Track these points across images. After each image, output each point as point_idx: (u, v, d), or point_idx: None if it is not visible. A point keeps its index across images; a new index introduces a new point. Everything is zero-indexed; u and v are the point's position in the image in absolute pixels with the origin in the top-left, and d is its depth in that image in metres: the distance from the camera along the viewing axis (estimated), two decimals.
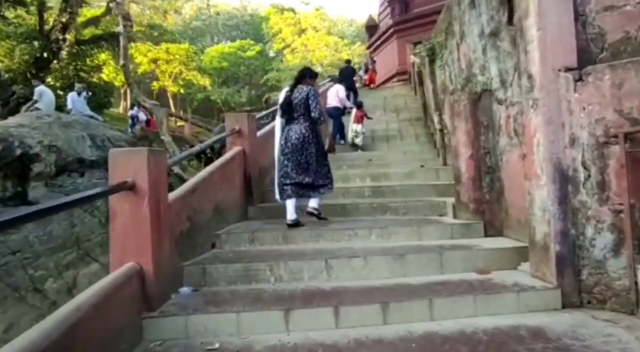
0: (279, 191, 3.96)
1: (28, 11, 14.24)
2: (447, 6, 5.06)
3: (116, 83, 23.56)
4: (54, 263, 4.63)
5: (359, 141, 8.17)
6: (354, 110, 8.50)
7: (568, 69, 2.76)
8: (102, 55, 15.63)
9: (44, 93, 9.24)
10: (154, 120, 12.89)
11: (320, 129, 4.08)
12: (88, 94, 10.63)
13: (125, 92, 25.70)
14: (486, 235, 3.69)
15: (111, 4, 13.76)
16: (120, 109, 27.30)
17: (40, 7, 13.74)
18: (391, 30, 19.65)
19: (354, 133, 8.18)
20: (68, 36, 13.75)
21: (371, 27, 23.27)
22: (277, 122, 4.07)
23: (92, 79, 15.00)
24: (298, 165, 3.88)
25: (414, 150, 7.72)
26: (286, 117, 4.00)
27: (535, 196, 2.87)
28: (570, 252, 2.72)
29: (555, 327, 2.32)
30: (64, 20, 13.45)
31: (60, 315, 1.63)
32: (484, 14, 3.72)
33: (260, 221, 4.30)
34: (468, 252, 3.16)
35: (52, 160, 5.22)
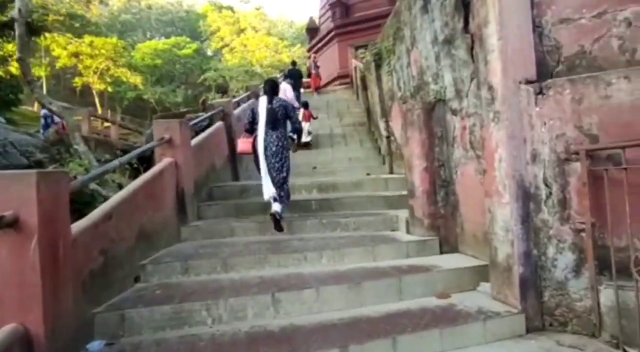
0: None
1: None
2: (395, 11, 4.90)
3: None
4: None
5: (310, 139, 8.39)
6: (302, 110, 8.74)
7: (528, 82, 2.63)
8: (9, 46, 13.68)
9: None
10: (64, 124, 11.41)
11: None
12: None
13: (45, 87, 22.98)
14: (441, 251, 3.52)
15: None
16: (35, 107, 24.43)
17: None
18: (332, 33, 19.63)
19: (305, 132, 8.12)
20: None
21: (312, 29, 23.10)
22: (261, 136, 4.08)
23: None
24: (279, 168, 4.10)
25: (359, 156, 7.55)
26: (270, 126, 4.10)
27: (497, 215, 2.71)
28: (533, 273, 2.59)
29: None
30: None
31: None
32: (437, 20, 3.56)
33: (195, 242, 3.77)
34: (427, 275, 2.94)
35: None
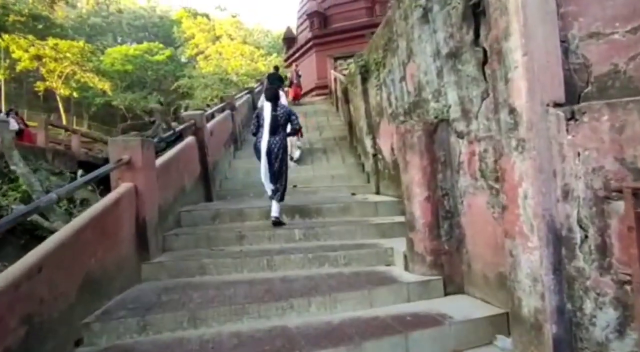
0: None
1: None
2: (386, 21, 4.51)
3: None
4: None
5: (297, 155, 7.87)
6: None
7: (556, 105, 2.25)
8: None
9: None
10: (29, 131, 10.47)
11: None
12: None
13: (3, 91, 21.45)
14: (446, 292, 3.09)
15: None
16: None
17: None
18: (310, 43, 19.31)
19: (294, 146, 7.71)
20: None
21: (289, 39, 22.76)
22: (265, 139, 4.47)
23: None
24: (278, 170, 4.55)
25: (342, 174, 7.10)
26: (273, 131, 4.48)
27: (521, 260, 2.29)
28: (568, 332, 2.18)
29: None
30: None
31: None
32: (440, 31, 3.17)
33: (159, 283, 3.17)
34: (436, 330, 2.49)
35: None
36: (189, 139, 5.13)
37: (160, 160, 3.97)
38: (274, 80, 11.39)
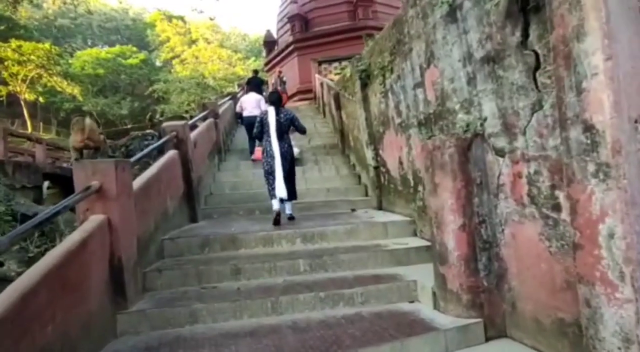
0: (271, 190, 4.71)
1: None
2: (395, 20, 4.05)
3: None
4: None
5: (297, 152, 7.24)
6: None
7: None
8: None
9: None
10: None
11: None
12: None
13: None
14: (487, 338, 2.62)
15: None
16: None
17: None
18: (291, 47, 18.83)
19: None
20: None
21: (269, 42, 22.20)
22: (275, 144, 4.63)
23: None
24: (288, 172, 4.72)
25: (338, 187, 6.61)
26: (280, 135, 4.69)
27: (605, 314, 1.84)
28: None
29: None
30: None
31: None
32: (473, 32, 2.72)
33: (139, 339, 2.56)
34: None
35: None
36: (171, 154, 4.51)
37: (138, 182, 3.35)
38: (256, 84, 10.86)
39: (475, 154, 2.74)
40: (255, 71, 11.23)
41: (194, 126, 6.00)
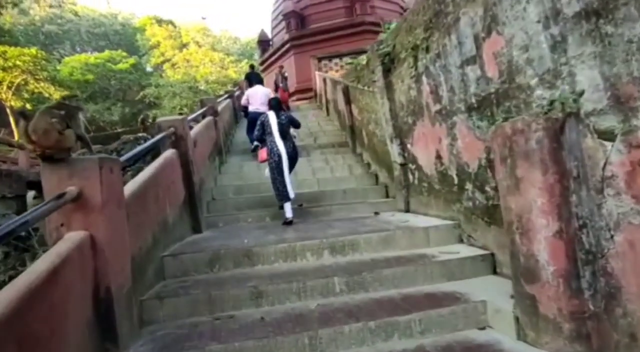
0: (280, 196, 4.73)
1: None
2: None
3: None
4: None
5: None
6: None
7: None
8: None
9: None
10: None
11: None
12: None
13: None
14: None
15: None
16: None
17: None
18: (288, 45, 18.20)
19: None
20: None
21: (264, 41, 21.62)
22: (280, 143, 4.79)
23: None
24: (290, 169, 4.83)
25: (354, 187, 5.97)
26: (282, 136, 4.84)
27: None
28: None
29: None
30: None
31: None
32: None
33: None
34: None
35: None
36: (169, 154, 3.84)
37: (131, 187, 2.68)
38: (254, 79, 10.33)
39: (570, 139, 2.11)
40: (251, 66, 10.67)
41: (193, 123, 5.34)
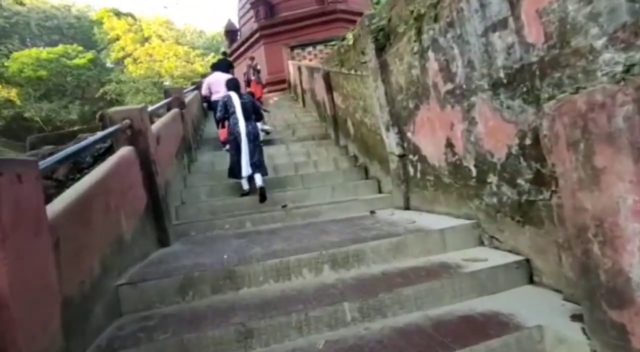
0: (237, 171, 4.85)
1: None
2: None
3: None
4: None
5: (267, 128, 7.72)
6: None
7: None
8: None
9: None
10: None
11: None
12: None
13: None
14: None
15: None
16: None
17: None
18: (257, 35, 17.33)
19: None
20: None
21: (231, 32, 20.61)
22: (242, 122, 4.88)
23: None
24: (253, 150, 4.87)
25: (341, 183, 5.38)
26: (246, 117, 4.95)
27: None
28: None
29: None
30: None
31: None
32: None
33: None
34: None
35: None
36: (124, 152, 3.08)
37: (64, 200, 1.95)
38: (221, 67, 9.38)
39: None
40: (224, 53, 9.75)
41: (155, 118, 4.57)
